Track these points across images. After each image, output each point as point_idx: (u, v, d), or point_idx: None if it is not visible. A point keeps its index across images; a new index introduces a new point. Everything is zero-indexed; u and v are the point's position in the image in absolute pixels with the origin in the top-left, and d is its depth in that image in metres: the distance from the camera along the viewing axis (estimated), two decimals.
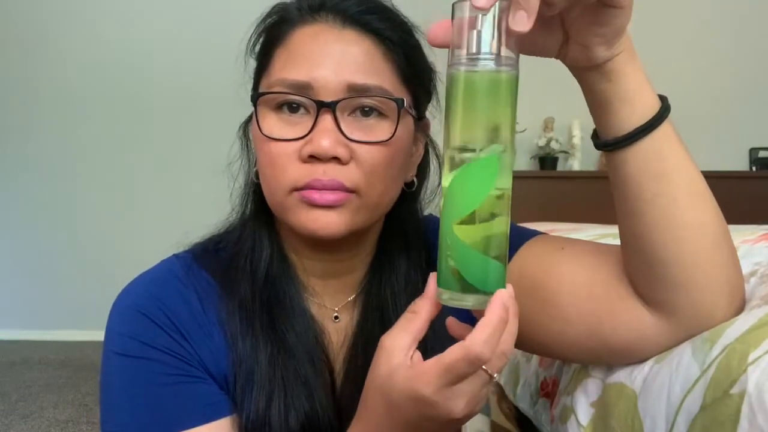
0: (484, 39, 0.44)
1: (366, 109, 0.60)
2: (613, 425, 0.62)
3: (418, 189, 0.70)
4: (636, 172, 0.55)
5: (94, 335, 2.61)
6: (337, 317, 0.70)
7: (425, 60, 0.66)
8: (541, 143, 3.14)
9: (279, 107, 0.61)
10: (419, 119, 0.67)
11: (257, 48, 0.66)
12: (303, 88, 0.59)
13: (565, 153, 3.17)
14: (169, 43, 3.45)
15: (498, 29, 0.44)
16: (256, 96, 0.62)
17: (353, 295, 0.70)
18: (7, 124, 3.53)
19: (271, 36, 0.64)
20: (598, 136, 0.57)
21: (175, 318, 0.62)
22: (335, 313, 0.70)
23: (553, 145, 3.13)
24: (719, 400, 0.50)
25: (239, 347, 0.63)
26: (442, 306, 0.51)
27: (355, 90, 0.59)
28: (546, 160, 3.17)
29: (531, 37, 0.48)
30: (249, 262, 0.66)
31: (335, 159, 0.58)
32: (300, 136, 0.59)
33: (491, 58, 0.44)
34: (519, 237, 0.69)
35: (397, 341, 0.51)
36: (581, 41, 0.50)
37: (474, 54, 0.45)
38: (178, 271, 0.65)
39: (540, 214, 2.11)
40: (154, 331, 0.61)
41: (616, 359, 0.63)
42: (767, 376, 0.48)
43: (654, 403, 0.57)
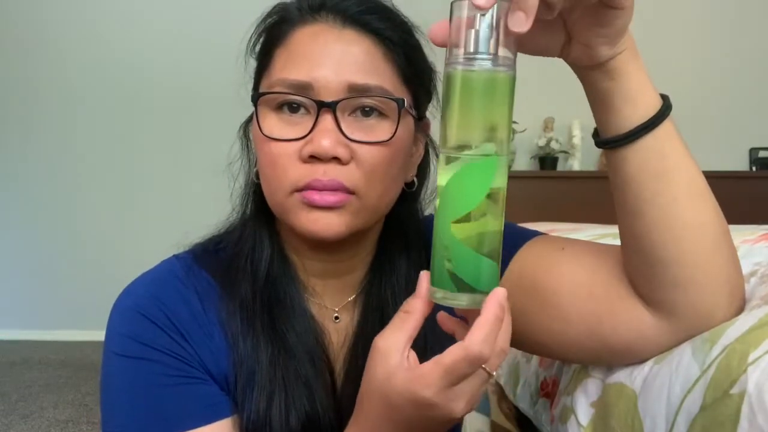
0: (482, 38, 0.44)
1: (366, 109, 0.60)
2: (613, 425, 0.62)
3: (418, 189, 0.70)
4: (636, 170, 0.55)
5: (94, 335, 2.61)
6: (338, 317, 0.70)
7: (425, 60, 0.66)
8: (541, 143, 3.14)
9: (279, 107, 0.61)
10: (419, 119, 0.67)
11: (257, 48, 0.66)
12: (303, 88, 0.59)
13: (565, 153, 3.17)
14: (169, 43, 3.45)
15: (496, 29, 0.44)
16: (256, 96, 0.62)
17: (353, 295, 0.70)
18: (7, 124, 3.53)
19: (272, 36, 0.64)
20: (599, 134, 0.57)
21: (176, 318, 0.62)
22: (335, 314, 0.70)
23: (553, 145, 3.13)
24: (719, 400, 0.50)
25: (240, 347, 0.63)
26: (434, 305, 0.51)
27: (356, 90, 0.59)
28: (546, 160, 3.17)
29: (533, 37, 0.48)
30: (249, 262, 0.66)
31: (335, 159, 0.58)
32: (300, 136, 0.59)
33: (489, 58, 0.44)
34: (519, 237, 0.69)
35: (392, 342, 0.51)
36: (583, 41, 0.50)
37: (471, 53, 0.45)
38: (178, 272, 0.66)
39: (540, 214, 2.11)
40: (154, 332, 0.61)
41: (616, 359, 0.63)
42: (767, 376, 0.48)
43: (654, 403, 0.57)
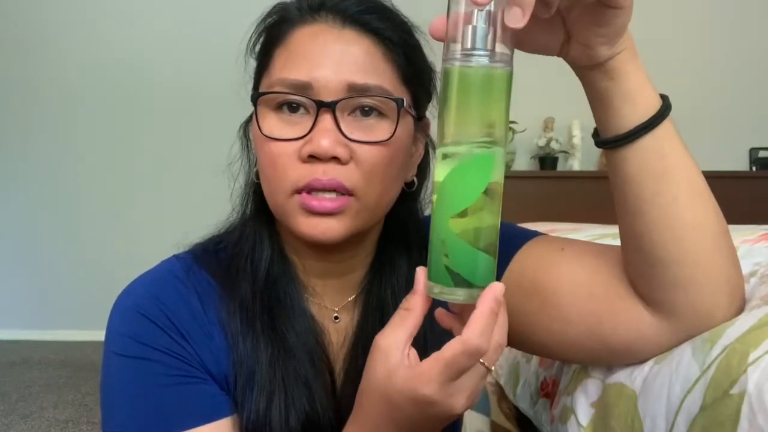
0: (479, 34, 0.44)
1: (366, 109, 0.60)
2: (613, 425, 0.62)
3: (418, 189, 0.70)
4: (636, 170, 0.55)
5: (94, 335, 2.61)
6: (338, 317, 0.70)
7: (425, 60, 0.66)
8: (541, 143, 3.14)
9: (279, 107, 0.61)
10: (419, 119, 0.67)
11: (257, 48, 0.66)
12: (303, 87, 0.59)
13: (565, 153, 3.17)
14: (169, 43, 3.45)
15: (493, 25, 0.44)
16: (256, 96, 0.62)
17: (353, 295, 0.70)
18: (7, 124, 3.53)
19: (271, 36, 0.64)
20: (598, 134, 0.57)
21: (176, 318, 0.62)
22: (335, 314, 0.70)
23: (553, 145, 3.13)
24: (719, 400, 0.50)
25: (240, 348, 0.63)
26: (433, 301, 0.52)
27: (355, 90, 0.59)
28: (546, 160, 3.17)
29: (532, 35, 0.48)
30: (249, 262, 0.66)
31: (335, 159, 0.58)
32: (300, 135, 0.59)
33: (486, 54, 0.44)
34: (519, 237, 0.69)
35: (392, 340, 0.51)
36: (582, 41, 0.50)
37: (468, 49, 0.44)
38: (178, 272, 0.65)
39: (540, 214, 2.11)
40: (154, 332, 0.61)
41: (616, 359, 0.63)
42: (767, 376, 0.48)
43: (654, 404, 0.57)
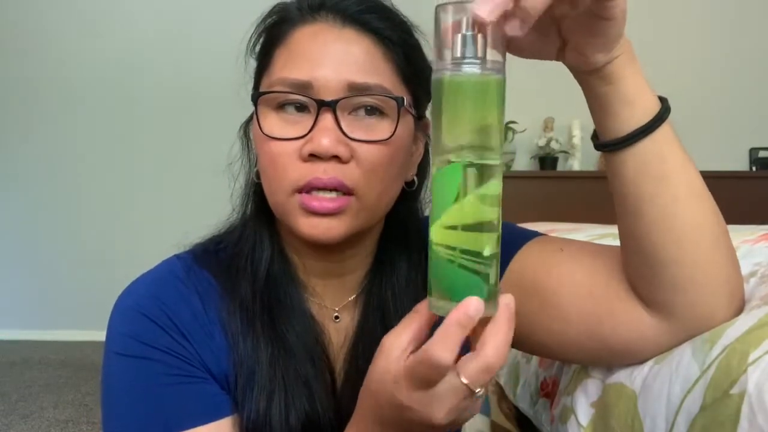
0: (469, 43, 0.43)
1: (366, 108, 0.60)
2: (613, 425, 0.62)
3: (418, 188, 0.70)
4: (635, 173, 0.55)
5: (94, 335, 2.62)
6: (338, 317, 0.70)
7: (425, 59, 0.66)
8: (541, 143, 3.14)
9: (279, 107, 0.61)
10: (419, 119, 0.67)
11: (257, 48, 0.66)
12: (303, 87, 0.59)
13: (565, 153, 3.16)
14: (170, 43, 3.45)
15: (483, 33, 0.43)
16: (256, 95, 0.62)
17: (354, 295, 0.70)
18: (7, 124, 3.53)
19: (272, 36, 0.64)
20: (597, 137, 0.57)
21: (177, 318, 0.62)
22: (336, 313, 0.70)
23: (553, 145, 3.13)
24: (719, 400, 0.50)
25: (240, 347, 0.63)
26: None
27: (356, 89, 0.59)
28: (546, 160, 3.17)
29: (528, 42, 0.48)
30: (250, 262, 0.66)
31: (335, 158, 0.58)
32: (300, 135, 0.59)
33: (477, 62, 0.44)
34: (519, 237, 0.69)
35: (394, 340, 0.50)
36: (578, 48, 0.50)
37: (459, 58, 0.44)
38: (179, 272, 0.65)
39: (540, 214, 2.11)
40: (155, 332, 0.61)
41: (615, 360, 0.63)
42: (767, 376, 0.48)
43: (654, 404, 0.57)
